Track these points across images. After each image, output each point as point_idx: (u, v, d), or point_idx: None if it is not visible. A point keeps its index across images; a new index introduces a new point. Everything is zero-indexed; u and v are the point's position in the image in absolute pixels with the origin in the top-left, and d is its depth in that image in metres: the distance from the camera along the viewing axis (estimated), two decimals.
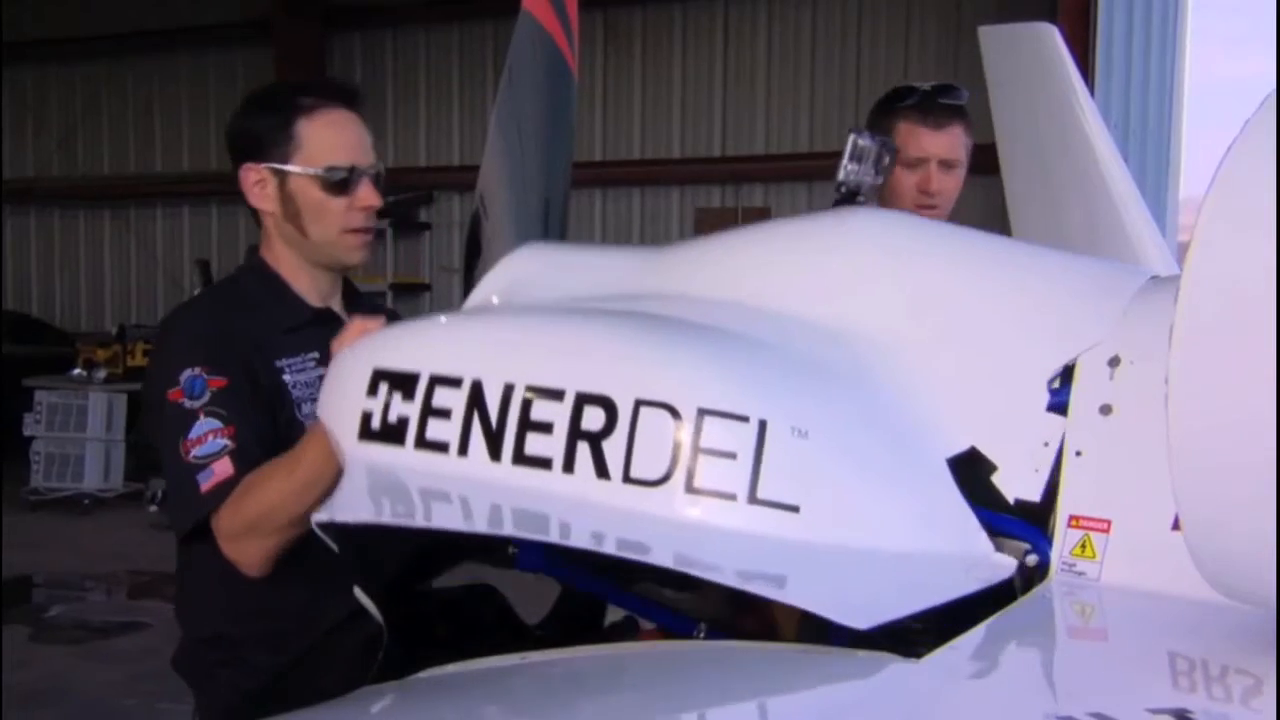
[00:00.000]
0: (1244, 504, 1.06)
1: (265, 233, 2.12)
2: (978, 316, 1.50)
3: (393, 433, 1.49)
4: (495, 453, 1.40)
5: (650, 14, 11.34)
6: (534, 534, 1.40)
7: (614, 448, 1.34)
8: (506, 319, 1.70)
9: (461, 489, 1.44)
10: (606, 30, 11.25)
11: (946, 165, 2.36)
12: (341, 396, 1.58)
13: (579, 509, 1.35)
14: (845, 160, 1.76)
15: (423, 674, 1.39)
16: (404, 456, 1.47)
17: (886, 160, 1.78)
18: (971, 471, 1.42)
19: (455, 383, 1.45)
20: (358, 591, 1.70)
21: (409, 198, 11.45)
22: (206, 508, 1.84)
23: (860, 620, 1.22)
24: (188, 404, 1.88)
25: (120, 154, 13.52)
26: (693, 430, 1.32)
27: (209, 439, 1.86)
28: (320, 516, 1.56)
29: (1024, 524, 1.45)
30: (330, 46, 12.43)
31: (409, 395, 1.48)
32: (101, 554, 7.94)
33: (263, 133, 2.04)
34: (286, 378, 1.99)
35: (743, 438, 1.31)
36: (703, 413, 1.32)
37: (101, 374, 9.89)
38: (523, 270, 1.86)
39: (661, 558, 1.33)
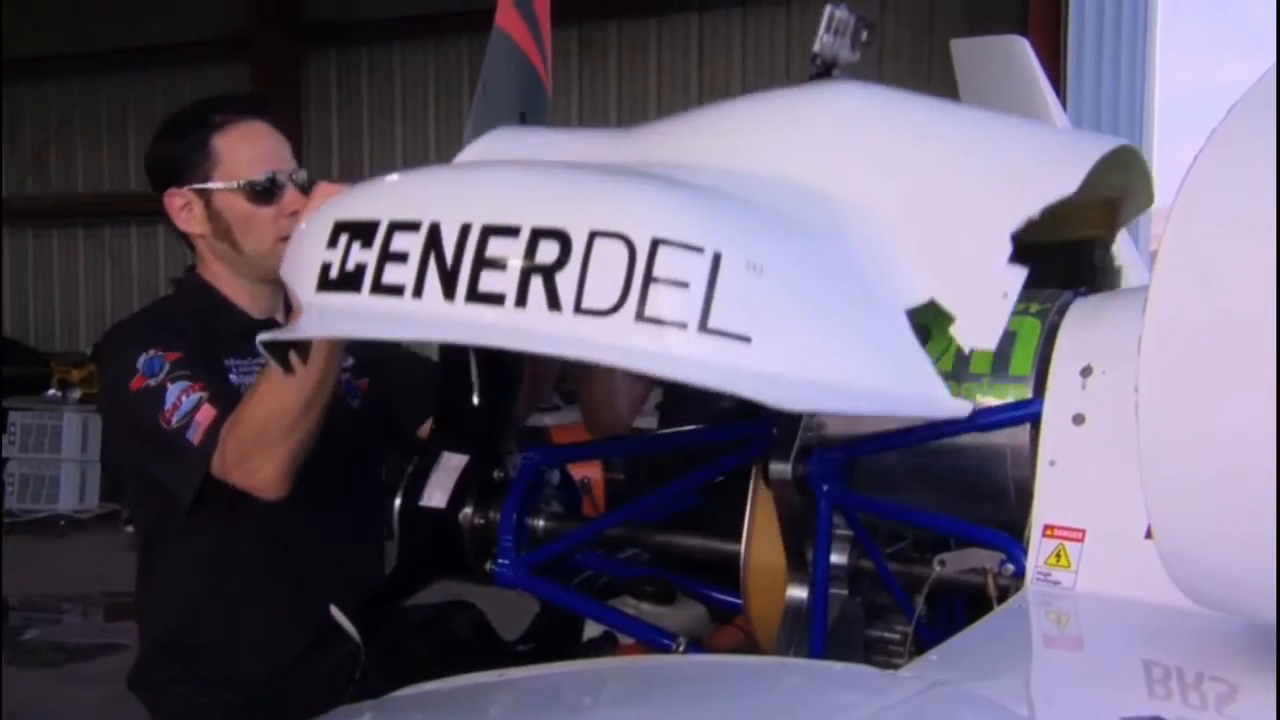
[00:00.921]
0: (1215, 511, 1.07)
1: (200, 256, 2.13)
2: (944, 177, 1.49)
3: (350, 280, 1.47)
4: (449, 291, 1.39)
5: (626, 27, 11.38)
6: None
7: (566, 280, 1.33)
8: (471, 169, 1.72)
9: (415, 330, 1.45)
10: (582, 44, 11.28)
11: None
12: (303, 253, 1.56)
13: (530, 341, 1.36)
14: (821, 33, 1.75)
15: (401, 692, 1.38)
16: (360, 301, 1.46)
17: (864, 35, 1.77)
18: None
19: (414, 227, 1.44)
20: (334, 610, 1.70)
21: None
22: (206, 455, 1.84)
23: (789, 403, 1.28)
24: (152, 382, 1.89)
25: (94, 172, 13.46)
26: (646, 260, 1.30)
27: (183, 400, 1.87)
28: (265, 337, 1.55)
29: (999, 534, 1.47)
30: (306, 63, 12.42)
31: (368, 242, 1.46)
32: (77, 575, 7.88)
33: (180, 156, 2.05)
34: (233, 378, 1.99)
35: (696, 268, 1.30)
36: (656, 243, 1.31)
37: (76, 394, 9.85)
38: (494, 150, 1.85)
39: None
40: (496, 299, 1.36)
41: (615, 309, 1.30)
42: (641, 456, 2.27)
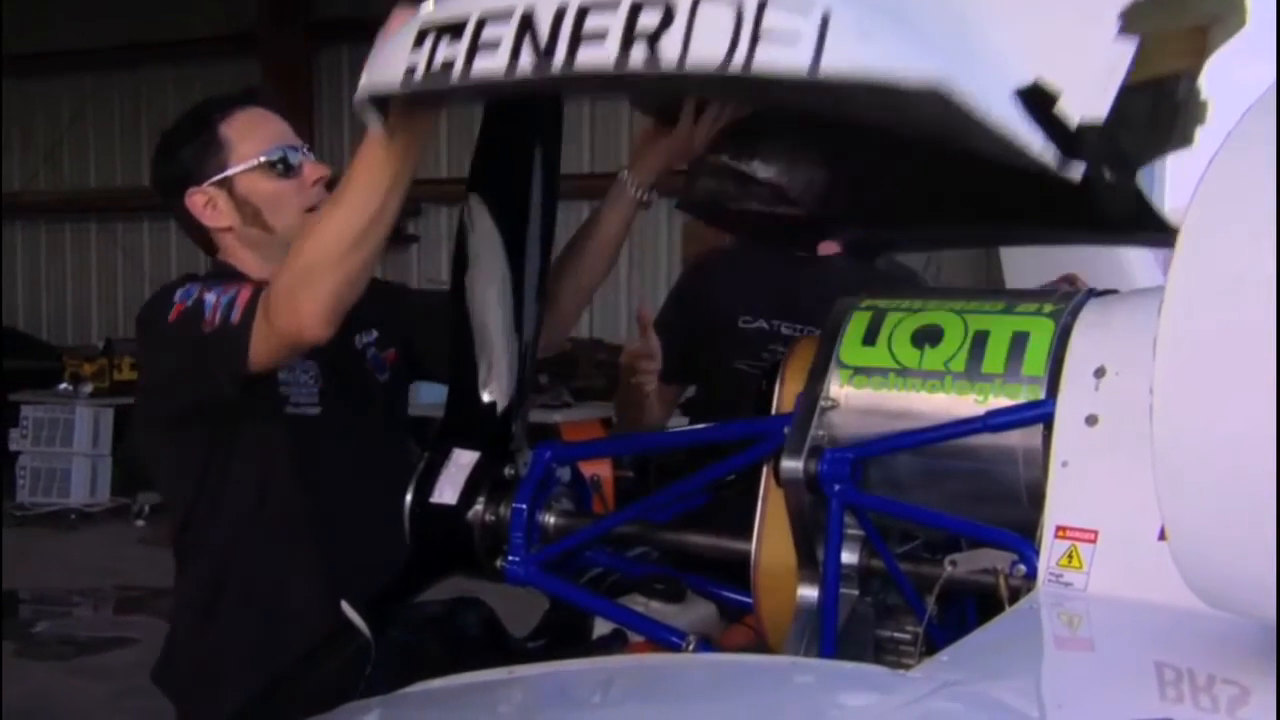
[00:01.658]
0: (1228, 513, 1.07)
1: (225, 251, 2.14)
2: None
3: (438, 77, 1.43)
4: (544, 71, 1.35)
5: None
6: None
7: (670, 43, 1.30)
8: None
9: (510, 83, 1.40)
10: None
11: None
12: (383, 64, 1.52)
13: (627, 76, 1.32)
14: None
15: (410, 689, 1.38)
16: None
17: None
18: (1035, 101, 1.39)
19: (505, 16, 1.39)
20: (344, 606, 1.70)
21: None
22: (248, 325, 1.83)
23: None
24: (189, 302, 1.91)
25: (107, 167, 13.49)
26: (753, 20, 1.27)
27: (221, 298, 1.88)
28: (361, 95, 1.51)
29: (1011, 535, 1.46)
30: (316, 60, 12.43)
31: (456, 37, 1.42)
32: (88, 569, 7.91)
33: (191, 158, 2.08)
34: None
35: (805, 26, 1.27)
36: (764, 3, 1.28)
37: (88, 388, 9.86)
38: None
39: None
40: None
41: (722, 65, 1.27)
42: (651, 454, 2.28)
